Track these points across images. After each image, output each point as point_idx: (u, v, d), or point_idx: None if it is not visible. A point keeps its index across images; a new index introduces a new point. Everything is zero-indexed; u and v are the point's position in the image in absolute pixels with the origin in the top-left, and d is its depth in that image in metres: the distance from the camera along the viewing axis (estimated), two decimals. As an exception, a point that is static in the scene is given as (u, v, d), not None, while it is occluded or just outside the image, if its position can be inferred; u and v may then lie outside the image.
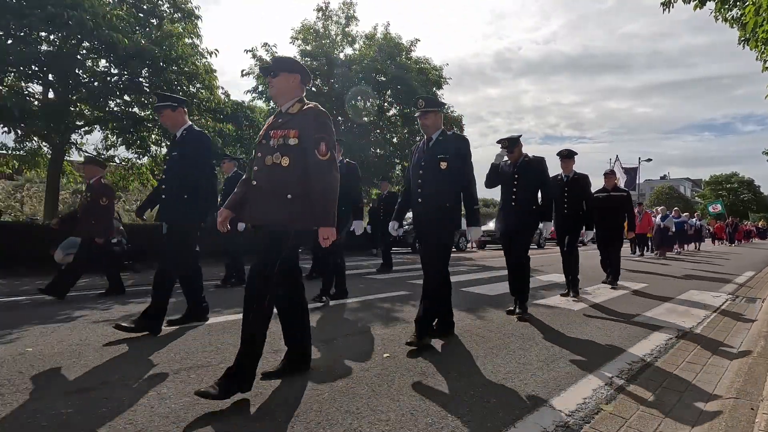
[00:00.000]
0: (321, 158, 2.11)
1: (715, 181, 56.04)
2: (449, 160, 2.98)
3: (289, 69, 2.26)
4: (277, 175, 2.13)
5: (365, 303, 4.51)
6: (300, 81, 2.30)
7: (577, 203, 5.04)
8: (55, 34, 8.59)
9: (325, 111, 2.24)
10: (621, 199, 6.26)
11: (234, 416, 1.84)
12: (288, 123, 2.19)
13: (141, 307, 4.11)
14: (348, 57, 15.57)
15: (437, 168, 3.00)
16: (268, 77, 2.28)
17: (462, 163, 3.02)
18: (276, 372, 2.31)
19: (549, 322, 3.77)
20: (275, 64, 2.29)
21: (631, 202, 6.41)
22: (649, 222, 12.70)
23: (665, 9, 5.78)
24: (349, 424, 1.79)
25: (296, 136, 2.13)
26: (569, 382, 2.32)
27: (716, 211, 30.57)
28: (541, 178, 3.96)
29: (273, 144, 2.16)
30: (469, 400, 2.07)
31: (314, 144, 2.12)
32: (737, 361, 2.70)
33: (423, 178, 3.06)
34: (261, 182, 2.17)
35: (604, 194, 6.30)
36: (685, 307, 4.63)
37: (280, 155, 2.13)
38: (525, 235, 4.02)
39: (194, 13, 10.65)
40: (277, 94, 2.30)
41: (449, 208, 3.00)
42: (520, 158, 4.03)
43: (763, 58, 5.29)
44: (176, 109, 3.28)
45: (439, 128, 3.14)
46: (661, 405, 2.04)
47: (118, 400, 1.96)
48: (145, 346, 2.83)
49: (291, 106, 2.25)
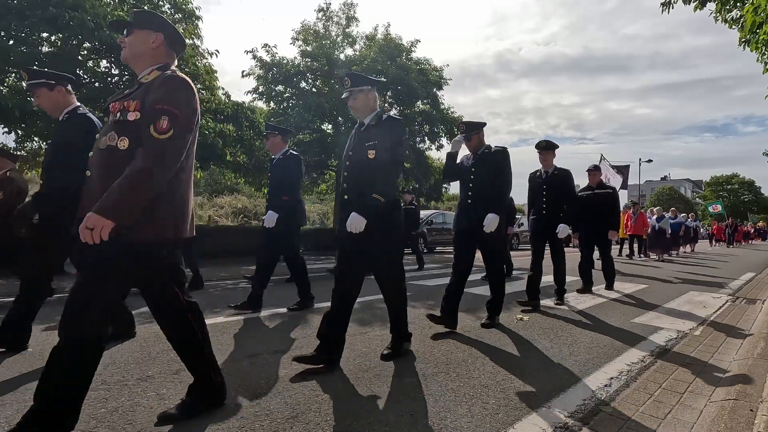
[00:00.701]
0: (156, 135, 1.57)
1: (715, 182, 56.02)
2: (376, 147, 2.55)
3: (148, 25, 1.76)
4: (113, 160, 1.61)
5: (365, 304, 4.51)
6: (164, 43, 1.78)
7: (557, 202, 4.54)
8: (56, 35, 8.61)
9: (188, 81, 1.72)
10: (607, 197, 5.82)
11: (233, 417, 1.84)
12: (134, 93, 1.70)
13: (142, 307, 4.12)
14: (348, 58, 15.58)
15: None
16: (121, 37, 1.80)
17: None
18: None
19: (548, 323, 3.77)
20: (132, 19, 1.80)
21: (617, 201, 5.99)
22: (644, 223, 12.26)
23: (665, 9, 5.78)
24: (348, 425, 1.79)
25: (138, 108, 1.62)
26: (568, 383, 2.32)
27: (716, 211, 30.45)
28: (498, 172, 3.50)
29: (110, 120, 1.69)
30: (468, 401, 2.07)
31: (151, 115, 1.59)
32: (737, 363, 2.70)
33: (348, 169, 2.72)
34: (93, 171, 1.67)
35: (588, 192, 5.93)
36: (684, 308, 4.62)
37: (116, 135, 1.63)
38: (495, 241, 3.50)
39: (195, 14, 10.66)
40: (129, 58, 1.77)
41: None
42: (480, 149, 3.60)
43: (763, 60, 5.29)
44: (54, 87, 2.76)
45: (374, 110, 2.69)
46: (660, 406, 2.04)
47: (117, 401, 1.96)
48: (145, 346, 2.83)
49: (147, 74, 1.75)
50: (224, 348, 2.80)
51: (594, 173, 6.03)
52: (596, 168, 6.13)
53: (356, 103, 2.64)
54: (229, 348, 2.79)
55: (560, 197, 4.55)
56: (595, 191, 5.89)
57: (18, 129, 8.89)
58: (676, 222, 13.90)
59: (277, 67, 14.94)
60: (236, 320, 3.61)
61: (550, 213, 4.54)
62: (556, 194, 4.56)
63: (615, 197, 5.94)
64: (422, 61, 16.47)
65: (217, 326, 3.37)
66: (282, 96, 15.60)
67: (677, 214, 14.55)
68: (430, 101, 16.15)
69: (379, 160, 2.52)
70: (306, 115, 14.81)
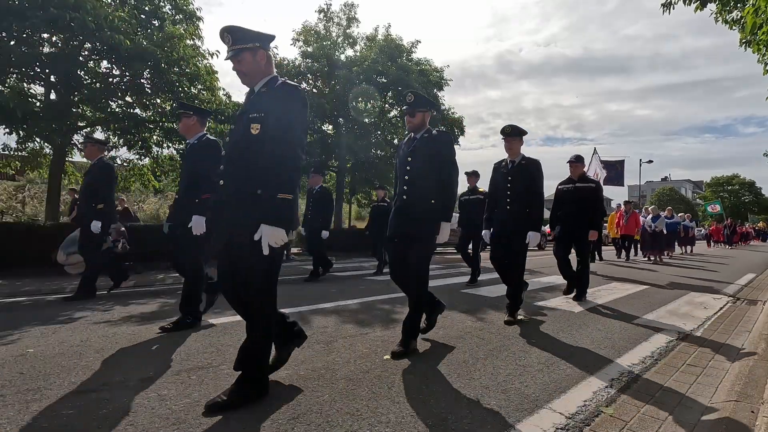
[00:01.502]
0: None
1: (716, 182, 56.02)
2: None
3: None
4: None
5: (365, 304, 4.51)
6: None
7: (524, 197, 3.81)
8: (57, 35, 8.64)
9: None
10: (589, 192, 5.07)
11: (234, 418, 1.84)
12: None
13: (142, 308, 4.13)
14: (349, 58, 15.59)
15: None
16: None
17: None
18: None
19: (549, 324, 3.76)
20: None
21: (599, 196, 5.25)
22: (636, 223, 11.53)
23: (665, 10, 5.80)
24: (349, 426, 1.79)
25: None
26: (569, 385, 2.32)
27: (715, 211, 30.18)
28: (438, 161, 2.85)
29: None
30: (470, 402, 2.07)
31: None
32: (738, 364, 2.69)
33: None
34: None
35: (569, 186, 5.20)
36: (685, 309, 4.62)
37: None
38: (422, 243, 2.82)
39: (196, 14, 10.68)
40: None
41: None
42: (421, 131, 2.95)
43: (764, 60, 5.30)
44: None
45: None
46: (661, 408, 2.04)
47: (119, 402, 1.97)
48: (146, 347, 2.84)
49: None
50: (224, 349, 2.79)
51: (576, 165, 5.22)
52: (578, 159, 5.30)
53: (241, 66, 2.09)
54: (229, 349, 2.79)
55: (528, 192, 3.81)
56: (576, 185, 5.15)
57: (20, 130, 8.92)
58: (672, 222, 13.27)
59: (278, 68, 14.96)
60: (237, 320, 3.61)
61: (515, 210, 3.81)
62: (522, 188, 3.82)
63: (598, 192, 5.18)
64: (423, 62, 16.48)
65: (218, 327, 3.37)
66: (283, 96, 15.58)
67: (673, 214, 13.81)
68: (430, 102, 16.16)
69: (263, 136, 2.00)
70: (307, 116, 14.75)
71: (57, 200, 10.30)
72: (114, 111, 10.23)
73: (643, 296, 5.43)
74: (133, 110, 10.53)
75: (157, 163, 12.05)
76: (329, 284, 5.99)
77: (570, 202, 5.13)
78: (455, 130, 16.58)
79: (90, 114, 10.37)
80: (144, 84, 10.01)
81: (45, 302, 4.32)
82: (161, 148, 11.51)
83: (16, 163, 10.99)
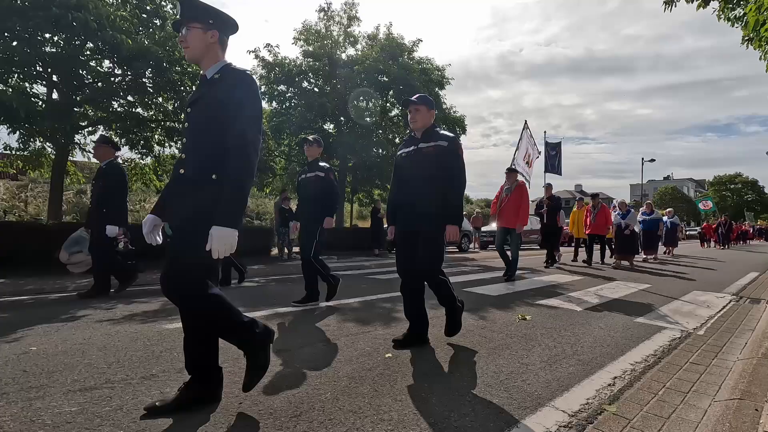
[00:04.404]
0: None
1: (718, 181, 55.95)
2: None
3: None
4: None
5: (367, 303, 4.51)
6: None
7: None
8: (59, 35, 8.64)
9: None
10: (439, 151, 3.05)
11: (237, 415, 1.84)
12: None
13: (145, 306, 4.15)
14: (350, 57, 15.60)
15: None
16: None
17: None
18: None
19: (552, 322, 3.76)
20: None
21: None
22: (606, 219, 9.71)
23: (667, 7, 5.77)
24: (351, 424, 1.79)
25: None
26: (572, 383, 2.31)
27: (707, 208, 29.39)
28: None
29: None
30: (472, 400, 2.07)
31: None
32: (741, 362, 2.69)
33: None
34: None
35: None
36: (688, 307, 4.61)
37: None
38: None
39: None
40: None
41: None
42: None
43: (766, 57, 5.28)
44: None
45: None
46: (665, 406, 2.03)
47: (121, 399, 1.97)
48: (149, 345, 2.84)
49: None
50: (226, 347, 2.79)
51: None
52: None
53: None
54: (231, 346, 2.79)
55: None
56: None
57: (22, 129, 8.93)
58: (651, 218, 11.17)
59: (279, 67, 14.98)
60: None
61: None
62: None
63: (453, 152, 4.06)
64: (424, 61, 16.46)
65: (220, 325, 3.37)
66: (284, 96, 15.63)
67: (652, 209, 11.53)
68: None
69: None
70: (308, 115, 14.81)
71: (59, 200, 10.33)
72: (116, 110, 10.25)
73: (646, 295, 5.42)
74: (134, 109, 10.54)
75: (159, 162, 12.07)
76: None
77: None
78: (456, 128, 16.57)
79: (92, 113, 10.38)
80: (146, 83, 10.02)
81: (48, 301, 4.33)
82: (163, 148, 11.53)
83: (18, 163, 11.02)
